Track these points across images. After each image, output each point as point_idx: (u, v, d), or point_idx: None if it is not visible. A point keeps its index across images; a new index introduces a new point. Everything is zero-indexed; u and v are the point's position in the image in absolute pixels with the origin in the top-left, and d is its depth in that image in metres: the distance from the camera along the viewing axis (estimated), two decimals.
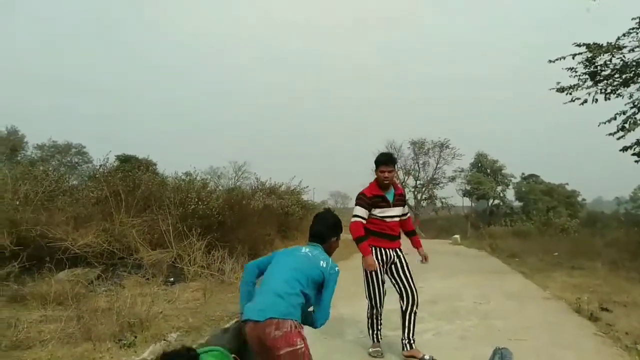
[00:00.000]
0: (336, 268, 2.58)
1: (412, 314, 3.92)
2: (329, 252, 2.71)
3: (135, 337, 4.66)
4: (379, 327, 4.07)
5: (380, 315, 4.06)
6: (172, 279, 9.10)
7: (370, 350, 4.02)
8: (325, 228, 2.74)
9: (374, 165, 4.00)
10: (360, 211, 3.92)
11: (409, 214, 4.24)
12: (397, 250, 4.03)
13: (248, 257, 11.38)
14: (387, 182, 3.92)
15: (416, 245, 4.19)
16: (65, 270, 8.47)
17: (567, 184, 38.32)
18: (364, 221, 3.95)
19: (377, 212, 3.96)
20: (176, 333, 4.93)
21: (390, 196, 4.00)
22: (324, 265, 2.51)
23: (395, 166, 4.07)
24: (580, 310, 5.53)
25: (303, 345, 2.23)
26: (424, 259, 4.15)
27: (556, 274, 9.07)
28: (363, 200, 3.95)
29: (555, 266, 10.43)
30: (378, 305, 4.00)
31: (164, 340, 4.67)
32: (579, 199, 38.86)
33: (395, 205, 4.00)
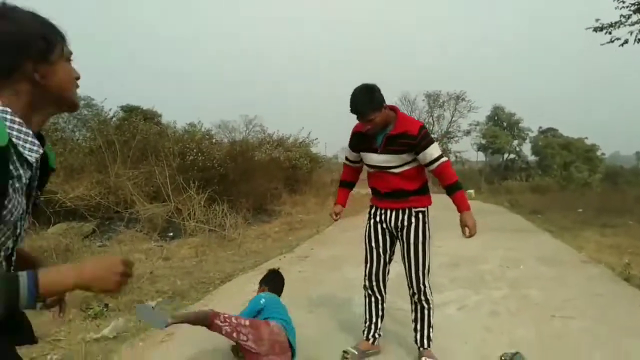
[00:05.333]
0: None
1: (420, 310, 2.80)
2: None
3: (107, 305, 3.98)
4: (376, 319, 2.93)
5: (380, 302, 2.91)
6: (170, 233, 8.53)
7: (348, 349, 2.90)
8: None
9: None
10: (347, 152, 2.96)
11: (438, 162, 2.67)
12: (404, 211, 2.75)
13: (252, 212, 10.79)
14: (372, 132, 2.66)
15: (457, 208, 2.74)
16: (58, 224, 7.94)
17: (586, 137, 36.80)
18: (350, 163, 2.99)
19: (364, 157, 2.83)
20: (155, 301, 4.26)
21: (378, 137, 2.70)
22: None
23: (378, 109, 2.58)
24: (629, 278, 4.73)
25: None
26: (466, 231, 2.68)
27: (587, 232, 8.26)
28: (350, 138, 2.89)
29: (583, 224, 9.60)
30: (373, 284, 2.86)
31: None
32: (598, 153, 37.40)
33: (385, 152, 2.68)
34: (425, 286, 2.74)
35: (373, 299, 2.90)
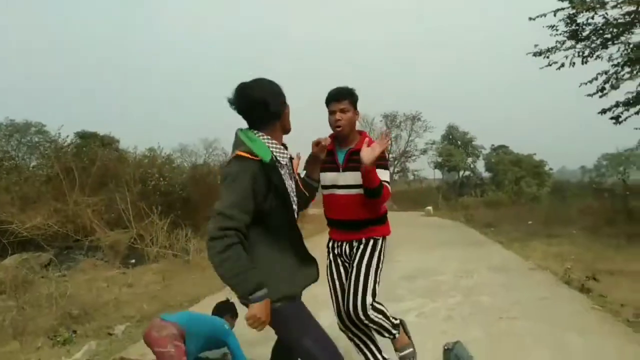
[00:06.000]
0: None
1: (366, 335, 2.60)
2: None
3: (75, 332, 4.02)
4: (372, 355, 2.59)
5: (367, 338, 2.60)
6: (133, 260, 8.44)
7: None
8: None
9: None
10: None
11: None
12: (359, 242, 2.57)
13: None
14: (340, 127, 2.50)
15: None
16: (13, 255, 7.73)
17: (534, 154, 38.74)
18: None
19: (322, 177, 2.50)
20: (124, 325, 4.31)
21: (341, 154, 2.56)
22: None
23: (354, 104, 2.55)
24: (569, 282, 5.18)
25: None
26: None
27: (534, 242, 8.83)
28: None
29: (531, 235, 10.23)
30: (348, 324, 2.56)
31: (109, 334, 4.05)
32: (546, 168, 39.40)
33: (348, 169, 2.49)
34: (363, 304, 2.42)
35: (358, 340, 2.59)
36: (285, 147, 1.98)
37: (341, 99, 2.51)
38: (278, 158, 1.88)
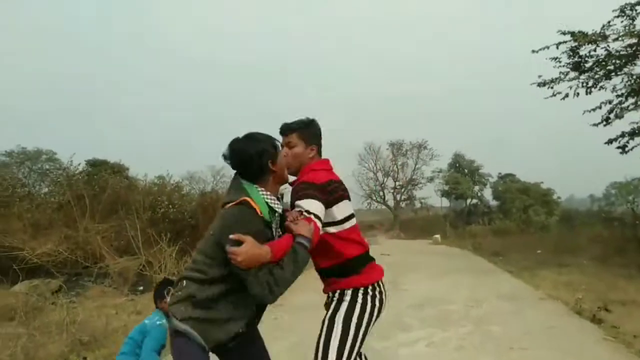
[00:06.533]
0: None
1: None
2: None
3: (85, 358, 4.05)
4: None
5: None
6: (141, 287, 8.47)
7: None
8: None
9: None
10: None
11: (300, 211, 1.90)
12: (334, 293, 2.08)
13: None
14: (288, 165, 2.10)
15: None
16: (24, 281, 7.81)
17: (542, 182, 38.66)
18: None
19: None
20: None
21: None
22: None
23: (304, 138, 2.15)
24: (580, 312, 5.14)
25: None
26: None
27: (544, 272, 8.76)
28: None
29: (541, 264, 10.14)
30: None
31: None
32: (554, 197, 39.19)
33: (293, 206, 2.00)
34: None
35: None
36: (280, 199, 1.96)
37: (288, 132, 2.16)
38: (272, 205, 1.87)
